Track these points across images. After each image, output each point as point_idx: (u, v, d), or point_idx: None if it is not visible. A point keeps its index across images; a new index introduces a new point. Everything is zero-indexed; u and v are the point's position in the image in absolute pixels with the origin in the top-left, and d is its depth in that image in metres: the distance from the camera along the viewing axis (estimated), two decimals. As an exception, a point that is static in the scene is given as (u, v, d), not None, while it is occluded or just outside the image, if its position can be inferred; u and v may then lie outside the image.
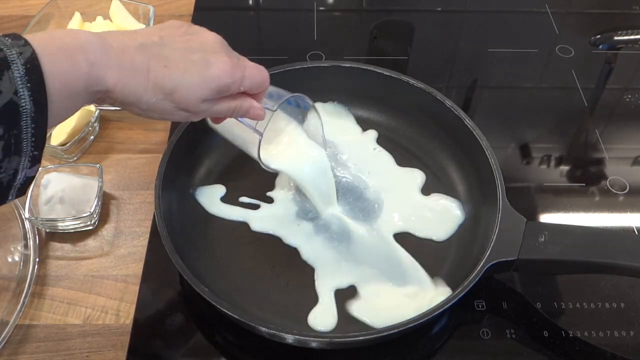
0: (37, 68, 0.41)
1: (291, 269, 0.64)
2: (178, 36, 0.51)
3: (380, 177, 0.72)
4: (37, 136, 0.42)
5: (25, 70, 0.40)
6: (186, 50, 0.50)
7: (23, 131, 0.41)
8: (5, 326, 0.59)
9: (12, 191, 0.43)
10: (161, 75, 0.48)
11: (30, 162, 0.43)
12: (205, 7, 0.97)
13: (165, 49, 0.49)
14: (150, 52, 0.48)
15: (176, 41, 0.50)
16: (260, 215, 0.68)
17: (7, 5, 0.95)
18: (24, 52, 0.41)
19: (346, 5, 1.03)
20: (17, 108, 0.40)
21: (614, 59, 0.93)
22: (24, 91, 0.40)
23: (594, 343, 0.61)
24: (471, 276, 0.57)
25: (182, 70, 0.49)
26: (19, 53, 0.40)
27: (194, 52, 0.50)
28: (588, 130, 0.83)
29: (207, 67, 0.50)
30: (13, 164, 0.42)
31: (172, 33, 0.51)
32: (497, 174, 0.64)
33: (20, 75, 0.40)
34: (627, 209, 0.73)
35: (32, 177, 0.44)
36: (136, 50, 0.47)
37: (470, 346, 0.61)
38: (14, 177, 0.42)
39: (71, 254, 0.67)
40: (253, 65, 0.54)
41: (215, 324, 0.62)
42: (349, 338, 0.56)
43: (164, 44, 0.49)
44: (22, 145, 0.41)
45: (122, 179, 0.74)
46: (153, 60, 0.48)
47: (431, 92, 0.72)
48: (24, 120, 0.41)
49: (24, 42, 0.41)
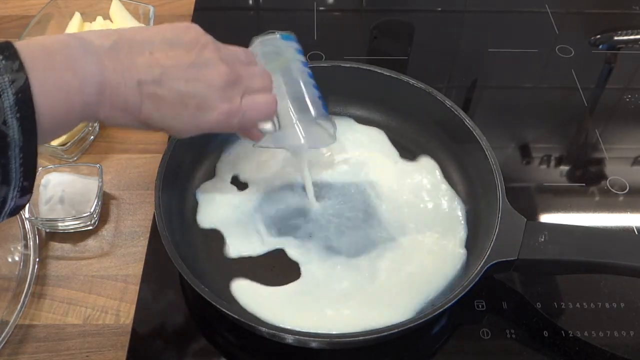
0: (28, 99, 0.40)
1: (291, 269, 0.64)
2: (183, 69, 0.49)
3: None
4: (26, 166, 0.41)
5: (16, 100, 0.39)
6: (184, 94, 0.49)
7: (11, 161, 0.40)
8: (5, 326, 0.59)
9: (2, 216, 0.43)
10: (152, 115, 0.49)
11: (19, 192, 0.42)
12: (205, 7, 0.97)
13: (163, 88, 0.48)
14: (145, 92, 0.47)
15: (178, 77, 0.48)
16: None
17: (7, 5, 0.95)
18: (17, 80, 0.39)
19: (346, 5, 1.03)
20: (5, 138, 0.39)
21: (614, 59, 0.93)
22: (12, 121, 0.39)
23: (594, 343, 0.61)
24: (471, 276, 0.57)
25: (175, 114, 0.49)
26: (11, 81, 0.39)
27: (191, 96, 0.49)
28: (588, 130, 0.83)
29: (202, 114, 0.50)
30: (1, 192, 0.41)
31: (178, 62, 0.49)
32: (497, 174, 0.64)
33: (10, 104, 0.39)
34: (627, 209, 0.73)
35: (22, 205, 0.43)
36: (132, 88, 0.47)
37: (470, 346, 0.61)
38: (2, 205, 0.42)
39: (71, 254, 0.67)
40: (261, 102, 0.54)
41: (215, 324, 0.62)
42: (349, 338, 0.56)
43: (162, 82, 0.48)
44: (11, 175, 0.40)
45: (122, 179, 0.74)
46: (147, 101, 0.48)
47: (431, 92, 0.72)
48: (11, 150, 0.40)
49: (18, 66, 0.40)
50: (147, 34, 0.49)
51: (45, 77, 0.41)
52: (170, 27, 0.51)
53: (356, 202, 0.69)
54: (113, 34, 0.48)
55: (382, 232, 0.67)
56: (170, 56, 0.48)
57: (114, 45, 0.47)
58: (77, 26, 0.83)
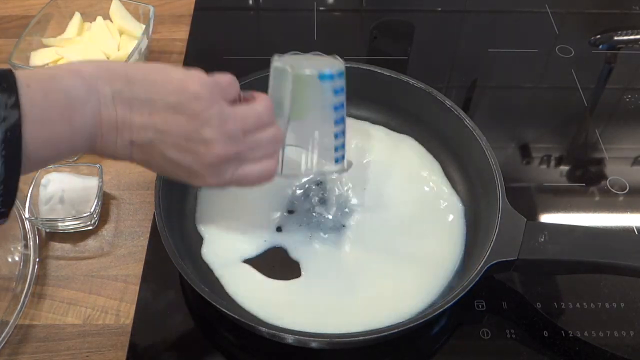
0: (17, 139, 0.39)
1: (291, 268, 0.64)
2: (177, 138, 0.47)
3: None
4: (5, 198, 0.41)
5: (3, 138, 0.38)
6: (172, 161, 0.48)
7: None
8: (5, 326, 0.59)
9: None
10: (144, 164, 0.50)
11: None
12: (205, 7, 0.97)
13: (154, 152, 0.48)
14: (136, 149, 0.47)
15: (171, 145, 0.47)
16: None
17: (7, 5, 0.95)
18: (9, 118, 0.39)
19: (346, 5, 1.03)
20: None
21: (614, 59, 0.93)
22: None
23: (594, 343, 0.61)
24: (471, 276, 0.57)
25: (163, 172, 0.51)
26: (3, 118, 0.38)
27: (179, 164, 0.48)
28: (588, 130, 0.83)
29: (190, 179, 0.50)
30: None
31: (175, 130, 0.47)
32: (497, 174, 0.64)
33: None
34: (627, 209, 0.73)
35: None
36: (123, 146, 0.47)
37: (470, 346, 0.61)
38: None
39: (71, 254, 0.67)
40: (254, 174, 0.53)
41: (215, 324, 0.62)
42: (349, 338, 0.56)
43: (154, 146, 0.47)
44: None
45: (122, 179, 0.74)
46: (136, 158, 0.49)
47: (431, 92, 0.72)
48: None
49: (13, 103, 0.39)
50: (152, 88, 0.47)
51: (39, 126, 0.41)
52: (177, 81, 0.47)
53: (356, 202, 0.69)
54: (119, 78, 0.46)
55: (382, 231, 0.67)
56: (169, 122, 0.47)
57: (115, 95, 0.45)
58: (77, 26, 0.83)
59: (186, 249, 0.63)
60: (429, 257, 0.65)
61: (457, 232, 0.67)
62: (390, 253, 0.65)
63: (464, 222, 0.68)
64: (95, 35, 0.82)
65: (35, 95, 0.41)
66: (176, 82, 0.47)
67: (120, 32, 0.84)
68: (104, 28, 0.83)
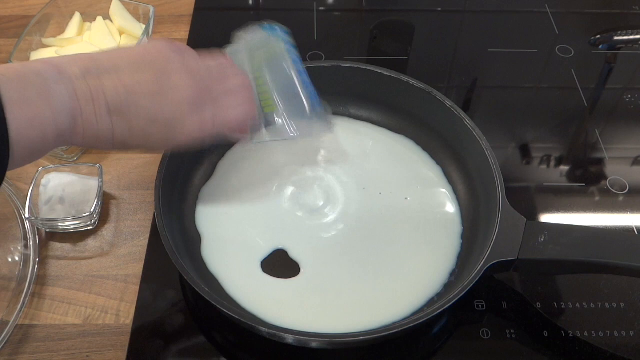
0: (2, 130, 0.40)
1: (291, 268, 0.64)
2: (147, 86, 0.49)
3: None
4: None
5: None
6: (150, 111, 0.50)
7: None
8: (5, 326, 0.59)
9: None
10: (125, 139, 0.50)
11: None
12: (205, 7, 0.97)
13: (130, 109, 0.49)
14: (115, 118, 0.48)
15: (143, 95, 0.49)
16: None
17: (7, 5, 0.95)
18: None
19: (346, 5, 1.03)
20: None
21: (614, 59, 0.93)
22: None
23: (594, 343, 0.61)
24: (471, 276, 0.57)
25: (146, 133, 0.51)
26: None
27: (158, 113, 0.50)
28: (588, 130, 0.83)
29: (172, 130, 0.51)
30: None
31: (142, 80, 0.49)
32: (497, 174, 0.64)
33: None
34: (627, 209, 0.73)
35: None
36: (102, 115, 0.48)
37: (470, 346, 0.61)
38: None
39: (71, 254, 0.67)
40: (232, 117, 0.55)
41: (215, 324, 0.62)
42: (349, 338, 0.56)
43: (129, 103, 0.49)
44: None
45: (122, 179, 0.74)
46: (117, 125, 0.49)
47: (431, 92, 0.72)
48: None
49: None
50: (116, 58, 0.50)
51: (20, 106, 0.42)
52: (138, 49, 0.52)
53: (355, 201, 0.69)
54: (85, 59, 0.49)
55: (382, 231, 0.67)
56: (137, 79, 0.49)
57: (84, 72, 0.48)
58: (77, 26, 0.83)
59: (186, 249, 0.63)
60: (429, 257, 0.65)
61: (457, 232, 0.67)
62: (390, 253, 0.65)
63: (463, 222, 0.68)
64: (95, 36, 0.82)
65: (10, 77, 0.43)
66: (138, 49, 0.52)
67: (120, 32, 0.84)
68: (104, 28, 0.83)
